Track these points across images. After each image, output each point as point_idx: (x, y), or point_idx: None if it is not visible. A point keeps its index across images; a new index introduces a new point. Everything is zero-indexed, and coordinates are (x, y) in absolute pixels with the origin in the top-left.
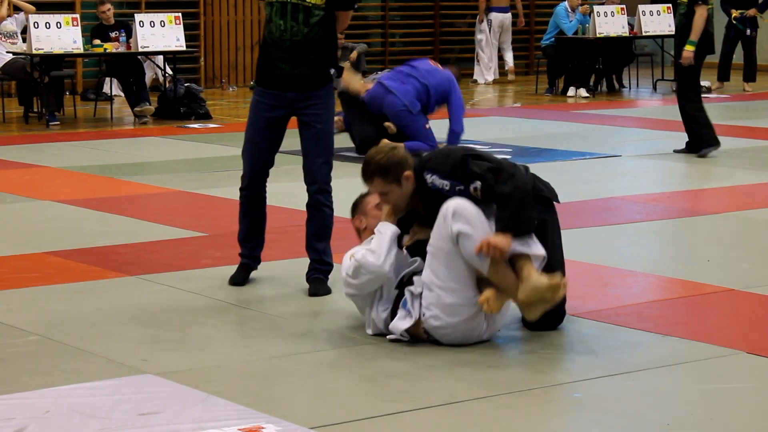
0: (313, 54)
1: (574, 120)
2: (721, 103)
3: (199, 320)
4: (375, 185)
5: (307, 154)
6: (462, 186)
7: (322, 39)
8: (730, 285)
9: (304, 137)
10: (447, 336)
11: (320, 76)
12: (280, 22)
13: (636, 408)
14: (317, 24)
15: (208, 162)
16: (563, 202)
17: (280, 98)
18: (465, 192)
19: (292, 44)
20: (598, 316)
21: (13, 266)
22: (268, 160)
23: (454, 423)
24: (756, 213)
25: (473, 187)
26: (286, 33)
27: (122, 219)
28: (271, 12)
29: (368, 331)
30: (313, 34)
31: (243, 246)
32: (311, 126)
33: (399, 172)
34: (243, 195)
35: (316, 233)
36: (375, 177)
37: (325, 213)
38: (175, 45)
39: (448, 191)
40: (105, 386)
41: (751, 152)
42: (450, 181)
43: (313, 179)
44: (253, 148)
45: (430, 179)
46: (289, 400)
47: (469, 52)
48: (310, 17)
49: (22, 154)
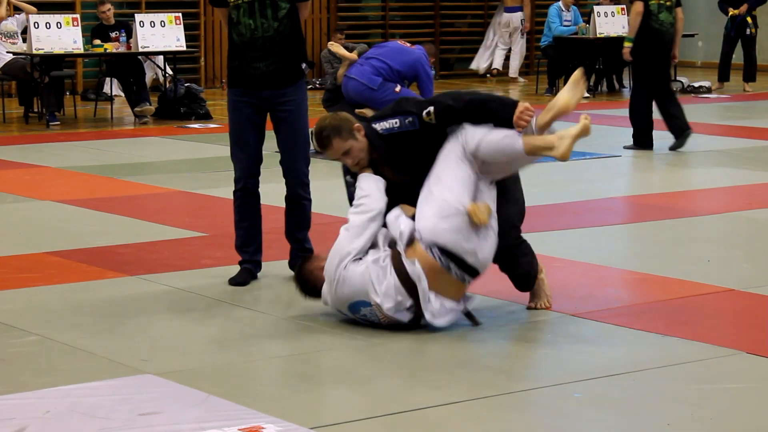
0: (285, 48)
1: (574, 120)
2: (721, 103)
3: (199, 320)
4: (335, 147)
5: (286, 149)
6: (411, 117)
7: (291, 32)
8: (730, 285)
9: (281, 134)
10: (445, 234)
11: (293, 71)
12: (250, 21)
13: (636, 408)
14: (285, 17)
15: (208, 162)
16: (563, 202)
17: (257, 97)
18: (416, 122)
19: (265, 41)
20: (598, 316)
21: (13, 266)
22: (258, 156)
23: (454, 423)
24: (756, 213)
25: (426, 112)
26: (257, 31)
27: (122, 219)
28: (239, 14)
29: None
30: (283, 27)
31: (242, 252)
32: (287, 122)
33: (349, 126)
34: (239, 196)
35: (297, 224)
36: (332, 138)
37: (305, 206)
38: (175, 45)
39: (399, 127)
40: (105, 386)
41: (751, 152)
42: (399, 117)
43: (292, 174)
44: (244, 147)
45: (379, 126)
46: (289, 400)
47: (469, 52)
48: (278, 11)
49: (22, 154)
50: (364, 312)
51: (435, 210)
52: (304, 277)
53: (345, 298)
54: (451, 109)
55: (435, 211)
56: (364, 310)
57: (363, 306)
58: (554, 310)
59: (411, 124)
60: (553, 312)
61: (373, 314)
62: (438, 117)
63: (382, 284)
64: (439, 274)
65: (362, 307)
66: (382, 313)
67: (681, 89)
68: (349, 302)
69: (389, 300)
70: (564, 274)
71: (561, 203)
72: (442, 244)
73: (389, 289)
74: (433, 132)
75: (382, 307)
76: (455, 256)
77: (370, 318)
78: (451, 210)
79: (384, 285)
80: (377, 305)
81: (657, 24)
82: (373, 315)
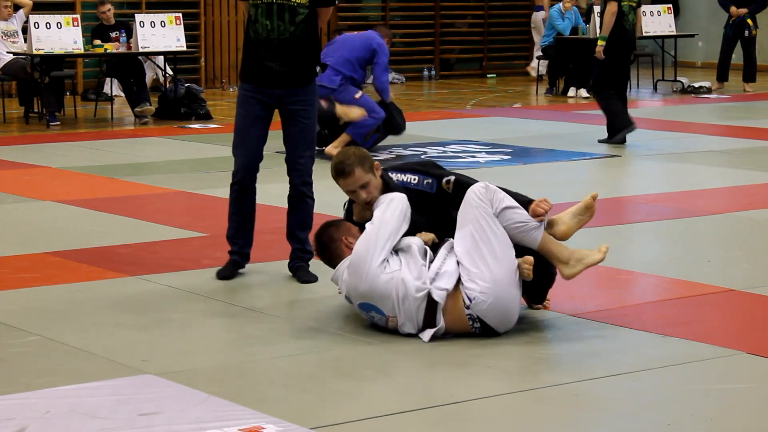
0: (299, 51)
1: (574, 120)
2: (721, 103)
3: (199, 320)
4: (356, 176)
5: (293, 147)
6: (431, 179)
7: (307, 36)
8: (731, 285)
9: (290, 132)
10: (489, 304)
11: (305, 73)
12: (267, 22)
13: (636, 408)
14: (302, 22)
15: (208, 162)
16: (563, 202)
17: (267, 94)
18: (434, 186)
19: (279, 43)
20: (599, 316)
21: (13, 266)
22: (259, 153)
23: (455, 423)
24: (756, 213)
25: (446, 180)
26: (273, 32)
27: (122, 219)
28: (257, 13)
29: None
30: (299, 32)
31: (233, 243)
32: (297, 121)
33: (371, 162)
34: (235, 189)
35: (299, 223)
36: (355, 167)
37: (308, 204)
38: (175, 45)
39: (416, 184)
40: (105, 386)
41: (751, 152)
42: (419, 176)
43: (297, 172)
44: (247, 141)
45: (396, 176)
46: (289, 400)
47: (469, 52)
48: (295, 16)
49: (22, 155)
50: (372, 314)
51: (495, 276)
52: (325, 242)
53: (360, 295)
54: (468, 186)
55: (499, 290)
56: (375, 314)
57: (375, 311)
58: (554, 310)
59: (429, 186)
60: (553, 312)
61: (382, 321)
62: (455, 188)
63: (404, 304)
64: (460, 322)
65: (374, 312)
66: (393, 324)
67: (681, 89)
68: (364, 301)
69: (404, 318)
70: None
71: (561, 203)
72: (495, 323)
73: (409, 313)
74: (444, 201)
75: (396, 321)
76: (489, 329)
77: (376, 321)
78: (510, 283)
79: (406, 306)
80: (392, 319)
81: (627, 24)
82: (381, 321)
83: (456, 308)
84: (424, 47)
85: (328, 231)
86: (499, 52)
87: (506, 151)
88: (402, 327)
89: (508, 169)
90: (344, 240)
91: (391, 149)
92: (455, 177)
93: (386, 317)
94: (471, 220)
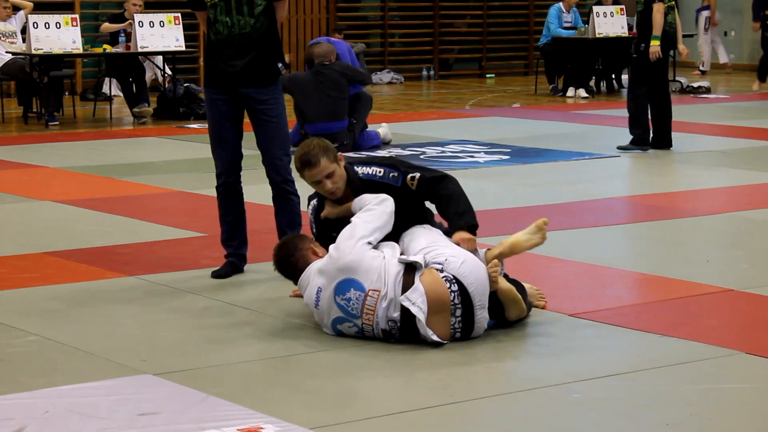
0: (262, 46)
1: (573, 120)
2: (721, 103)
3: (199, 320)
4: (322, 166)
5: (267, 148)
6: (397, 173)
7: (268, 30)
8: (730, 285)
9: (261, 133)
10: (462, 263)
11: (270, 70)
12: (227, 19)
13: (636, 408)
14: (261, 14)
15: (207, 162)
16: (563, 202)
17: (233, 95)
18: (399, 180)
19: (242, 37)
20: (598, 316)
21: (13, 266)
22: (238, 152)
23: (454, 423)
24: (756, 213)
25: (411, 176)
26: (234, 28)
27: (122, 219)
28: (216, 12)
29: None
30: (259, 24)
31: (227, 246)
32: (265, 121)
33: (335, 152)
34: (221, 191)
35: (289, 222)
36: (320, 157)
37: (294, 201)
38: (174, 45)
39: (381, 177)
40: (104, 386)
41: (751, 152)
42: (385, 168)
43: (277, 172)
44: (223, 143)
45: (361, 170)
46: (289, 400)
47: (467, 52)
48: (254, 8)
49: (21, 154)
50: (349, 295)
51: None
52: (290, 251)
53: (341, 269)
54: (432, 184)
55: (468, 253)
56: (352, 294)
57: (355, 288)
58: (554, 310)
59: (394, 179)
60: (552, 312)
61: (358, 301)
62: (419, 186)
63: (388, 273)
64: (438, 285)
65: (352, 290)
66: (371, 304)
67: (680, 89)
68: (345, 276)
69: (386, 288)
70: (564, 274)
71: (560, 203)
72: (470, 281)
73: (390, 281)
74: (407, 196)
75: (375, 297)
76: (468, 302)
77: (350, 306)
78: (481, 259)
79: (389, 274)
80: (371, 294)
81: (667, 26)
82: (357, 302)
83: (432, 273)
84: (422, 47)
85: (293, 241)
86: (498, 52)
87: (505, 151)
88: (381, 302)
89: (506, 169)
90: (311, 248)
91: (390, 149)
92: (420, 175)
93: (365, 292)
94: (418, 231)
